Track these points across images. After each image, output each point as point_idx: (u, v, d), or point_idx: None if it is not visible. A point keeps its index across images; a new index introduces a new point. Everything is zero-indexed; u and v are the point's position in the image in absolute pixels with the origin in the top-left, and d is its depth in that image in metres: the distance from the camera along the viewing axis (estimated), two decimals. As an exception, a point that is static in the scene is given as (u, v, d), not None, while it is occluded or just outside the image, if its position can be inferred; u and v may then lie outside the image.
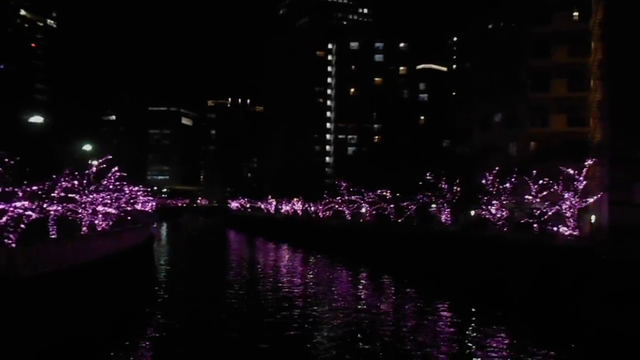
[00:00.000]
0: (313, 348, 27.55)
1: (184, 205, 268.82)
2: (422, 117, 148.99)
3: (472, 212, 59.46)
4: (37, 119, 47.88)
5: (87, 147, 60.54)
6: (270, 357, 26.37)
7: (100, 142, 73.98)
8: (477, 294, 40.06)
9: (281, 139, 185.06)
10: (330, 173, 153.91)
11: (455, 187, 59.61)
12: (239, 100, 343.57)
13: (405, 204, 70.11)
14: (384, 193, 77.74)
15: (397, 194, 74.77)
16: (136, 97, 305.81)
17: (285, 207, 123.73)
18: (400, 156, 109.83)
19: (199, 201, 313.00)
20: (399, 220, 69.57)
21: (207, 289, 46.52)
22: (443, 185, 59.71)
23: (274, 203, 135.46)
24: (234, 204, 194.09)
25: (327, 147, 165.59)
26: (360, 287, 49.07)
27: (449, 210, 59.98)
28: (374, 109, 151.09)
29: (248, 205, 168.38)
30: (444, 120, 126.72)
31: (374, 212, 78.66)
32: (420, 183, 63.21)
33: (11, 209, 25.75)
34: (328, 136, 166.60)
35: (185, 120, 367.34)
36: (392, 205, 73.41)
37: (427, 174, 61.33)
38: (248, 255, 79.92)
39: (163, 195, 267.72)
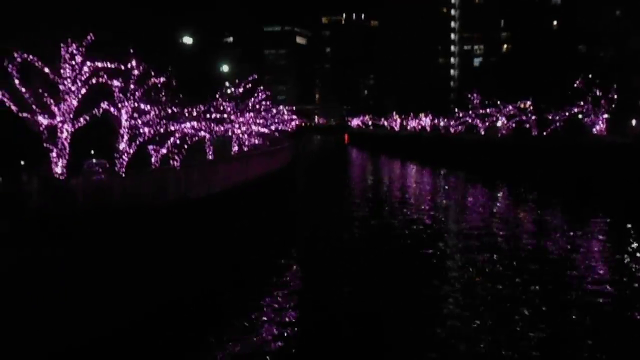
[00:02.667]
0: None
1: (303, 124, 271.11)
2: (555, 22, 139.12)
3: (634, 122, 54.67)
4: (188, 39, 47.63)
5: (225, 68, 60.61)
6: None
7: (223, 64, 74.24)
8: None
9: (401, 53, 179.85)
10: (455, 86, 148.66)
11: (610, 95, 54.84)
12: (354, 15, 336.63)
13: (549, 115, 65.76)
14: (523, 104, 73.55)
15: (540, 105, 70.25)
16: (252, 17, 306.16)
17: (412, 123, 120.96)
18: (535, 63, 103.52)
19: (316, 120, 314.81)
20: (543, 134, 65.54)
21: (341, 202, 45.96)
22: (597, 93, 55.07)
23: (399, 120, 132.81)
24: (354, 122, 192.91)
25: (452, 59, 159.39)
26: (502, 204, 45.95)
27: (604, 120, 55.45)
28: (502, 16, 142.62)
29: (370, 123, 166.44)
30: (578, 23, 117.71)
31: (512, 125, 74.70)
32: (569, 92, 58.91)
33: (183, 129, 25.49)
34: (452, 47, 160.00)
35: (299, 39, 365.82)
36: (533, 118, 69.19)
37: (576, 82, 56.91)
38: (373, 173, 79.17)
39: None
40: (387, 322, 19.29)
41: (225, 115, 33.79)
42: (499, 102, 76.90)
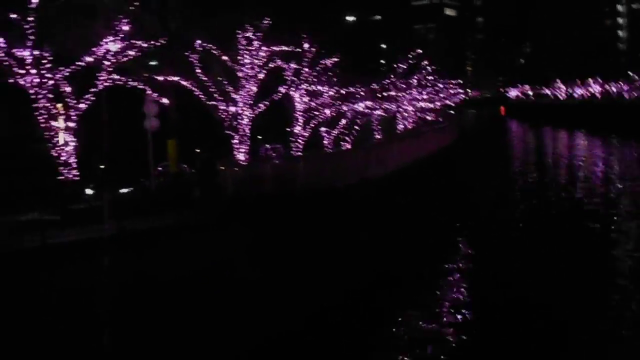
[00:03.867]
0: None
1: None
2: None
3: None
4: (350, 18, 47.45)
5: (381, 46, 60.03)
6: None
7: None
8: None
9: (561, 17, 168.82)
10: (625, 49, 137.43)
11: None
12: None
13: None
14: None
15: None
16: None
17: (578, 91, 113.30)
18: None
19: (469, 93, 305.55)
20: None
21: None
22: None
23: (563, 88, 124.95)
24: (511, 93, 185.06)
25: (619, 20, 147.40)
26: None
27: None
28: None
29: (530, 93, 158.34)
30: None
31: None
32: None
33: (355, 109, 25.09)
34: (619, 7, 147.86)
35: (448, 11, 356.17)
36: None
37: None
38: (539, 145, 75.01)
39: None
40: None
41: (393, 93, 33.07)
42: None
